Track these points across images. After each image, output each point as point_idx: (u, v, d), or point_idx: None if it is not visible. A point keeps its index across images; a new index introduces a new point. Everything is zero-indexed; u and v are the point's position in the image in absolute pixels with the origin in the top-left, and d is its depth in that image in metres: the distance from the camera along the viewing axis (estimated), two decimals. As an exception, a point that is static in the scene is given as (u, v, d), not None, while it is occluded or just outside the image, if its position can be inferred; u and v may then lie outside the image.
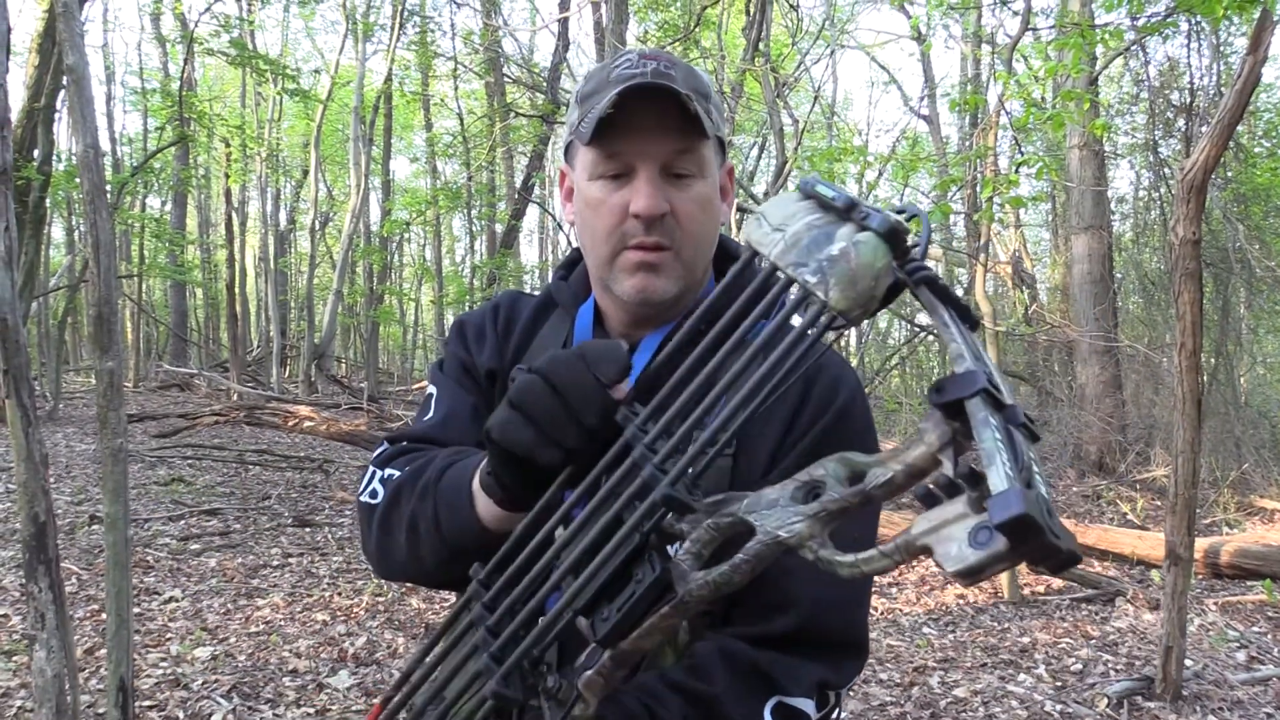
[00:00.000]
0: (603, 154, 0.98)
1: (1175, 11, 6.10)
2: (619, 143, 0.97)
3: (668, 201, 0.97)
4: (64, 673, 2.54)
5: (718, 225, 1.06)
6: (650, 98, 0.94)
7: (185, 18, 15.02)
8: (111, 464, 2.72)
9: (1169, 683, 3.69)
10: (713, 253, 1.07)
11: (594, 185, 1.00)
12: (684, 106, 0.94)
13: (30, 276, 10.57)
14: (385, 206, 17.29)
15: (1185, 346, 3.70)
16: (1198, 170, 3.58)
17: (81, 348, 21.03)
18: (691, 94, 0.94)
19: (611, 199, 0.99)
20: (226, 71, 22.10)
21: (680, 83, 0.95)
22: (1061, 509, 7.51)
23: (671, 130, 0.97)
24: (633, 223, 0.98)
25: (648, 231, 0.98)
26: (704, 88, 1.00)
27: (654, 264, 0.99)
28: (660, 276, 1.00)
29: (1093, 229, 9.34)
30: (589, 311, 1.09)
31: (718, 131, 1.02)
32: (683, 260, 1.00)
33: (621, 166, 0.98)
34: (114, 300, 2.71)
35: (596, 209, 1.00)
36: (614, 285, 1.02)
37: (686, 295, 1.03)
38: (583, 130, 0.97)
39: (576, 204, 1.05)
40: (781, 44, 13.25)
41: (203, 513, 6.80)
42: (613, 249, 1.00)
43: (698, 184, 1.00)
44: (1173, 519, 3.74)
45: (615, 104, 0.93)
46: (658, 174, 0.97)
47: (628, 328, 1.06)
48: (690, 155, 0.98)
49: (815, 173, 6.34)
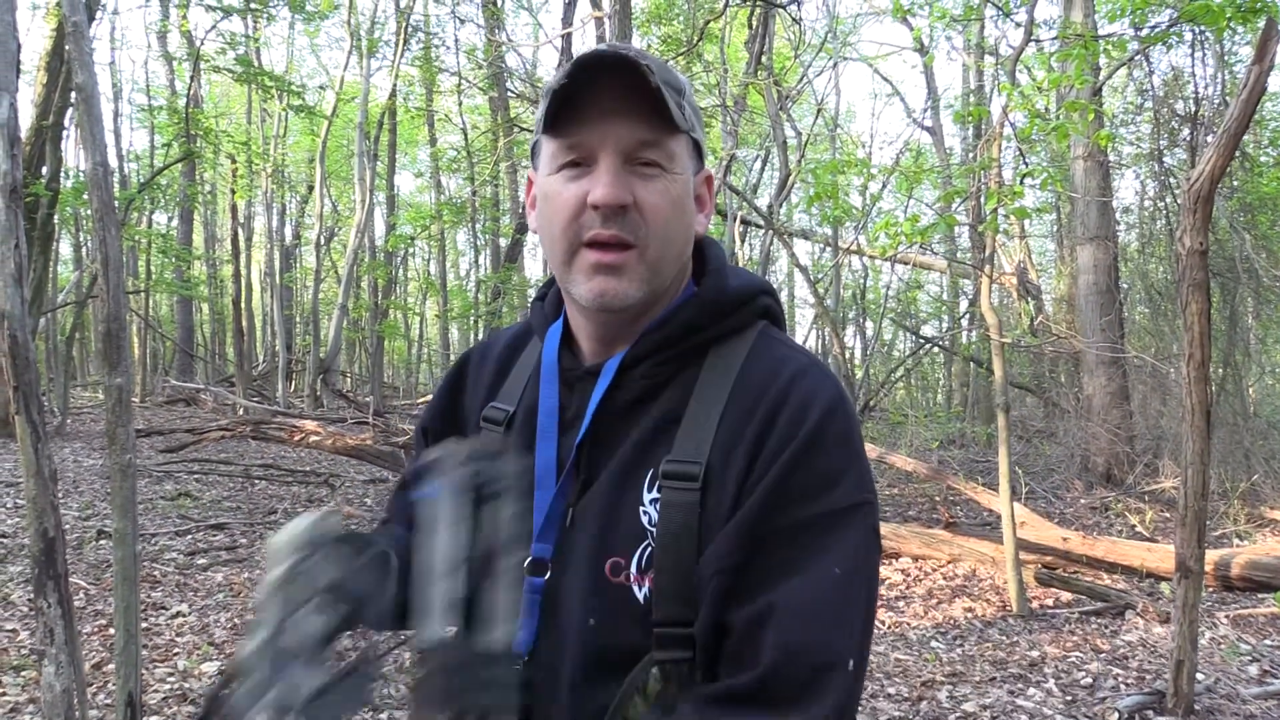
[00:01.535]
0: (562, 143, 0.90)
1: (1179, 21, 6.12)
2: (578, 129, 0.89)
3: (631, 193, 0.88)
4: (72, 688, 2.54)
5: (690, 228, 0.95)
6: (609, 74, 0.86)
7: (192, 35, 15.14)
8: (120, 479, 2.72)
9: (1180, 697, 3.66)
10: (686, 258, 0.97)
11: (553, 178, 0.91)
12: (645, 82, 0.85)
13: (39, 293, 10.62)
14: (390, 221, 17.39)
15: (1193, 357, 3.69)
16: (1204, 180, 3.58)
17: (89, 363, 21.09)
18: (660, 83, 0.86)
19: (568, 190, 0.89)
20: (232, 88, 22.24)
21: (647, 63, 0.86)
22: (1070, 521, 7.47)
23: (635, 114, 0.88)
24: (590, 214, 0.88)
25: (605, 224, 0.88)
26: (677, 82, 0.92)
27: (613, 265, 0.89)
28: (621, 278, 0.89)
29: (1098, 239, 9.33)
30: (556, 333, 1.01)
31: (692, 131, 0.93)
32: (647, 261, 0.90)
33: (582, 154, 0.89)
34: (123, 316, 2.73)
35: (553, 202, 0.91)
36: (573, 289, 0.92)
37: (654, 303, 0.94)
38: (542, 118, 0.90)
39: (537, 203, 0.96)
40: (784, 57, 13.29)
41: (209, 527, 6.80)
42: (569, 245, 0.90)
43: (666, 179, 0.90)
44: (1183, 531, 3.72)
45: (569, 75, 0.86)
46: (620, 163, 0.88)
47: (598, 345, 0.97)
48: (658, 146, 0.89)
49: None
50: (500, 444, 0.98)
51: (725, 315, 0.94)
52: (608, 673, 0.85)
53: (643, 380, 0.93)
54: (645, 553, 0.86)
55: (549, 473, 0.94)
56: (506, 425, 1.02)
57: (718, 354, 0.93)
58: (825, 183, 6.60)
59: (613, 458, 0.92)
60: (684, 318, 0.93)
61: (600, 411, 0.93)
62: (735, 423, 0.87)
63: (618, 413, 0.93)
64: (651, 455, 0.90)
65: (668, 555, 0.85)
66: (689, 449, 0.87)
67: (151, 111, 17.47)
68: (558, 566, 0.91)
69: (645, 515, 0.88)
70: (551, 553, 0.91)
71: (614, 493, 0.90)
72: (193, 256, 20.46)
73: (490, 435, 1.02)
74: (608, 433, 0.93)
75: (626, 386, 0.93)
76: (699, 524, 0.85)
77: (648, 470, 0.89)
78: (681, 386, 0.92)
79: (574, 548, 0.90)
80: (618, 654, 0.85)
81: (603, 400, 0.93)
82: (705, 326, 0.93)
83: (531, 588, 0.91)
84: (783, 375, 0.89)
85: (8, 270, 2.52)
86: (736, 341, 0.94)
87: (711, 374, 0.91)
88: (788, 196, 11.27)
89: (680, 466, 0.86)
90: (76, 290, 14.47)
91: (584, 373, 0.96)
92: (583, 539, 0.90)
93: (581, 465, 0.93)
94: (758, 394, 0.88)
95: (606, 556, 0.88)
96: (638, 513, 0.88)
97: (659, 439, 0.90)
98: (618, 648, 0.86)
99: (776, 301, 1.00)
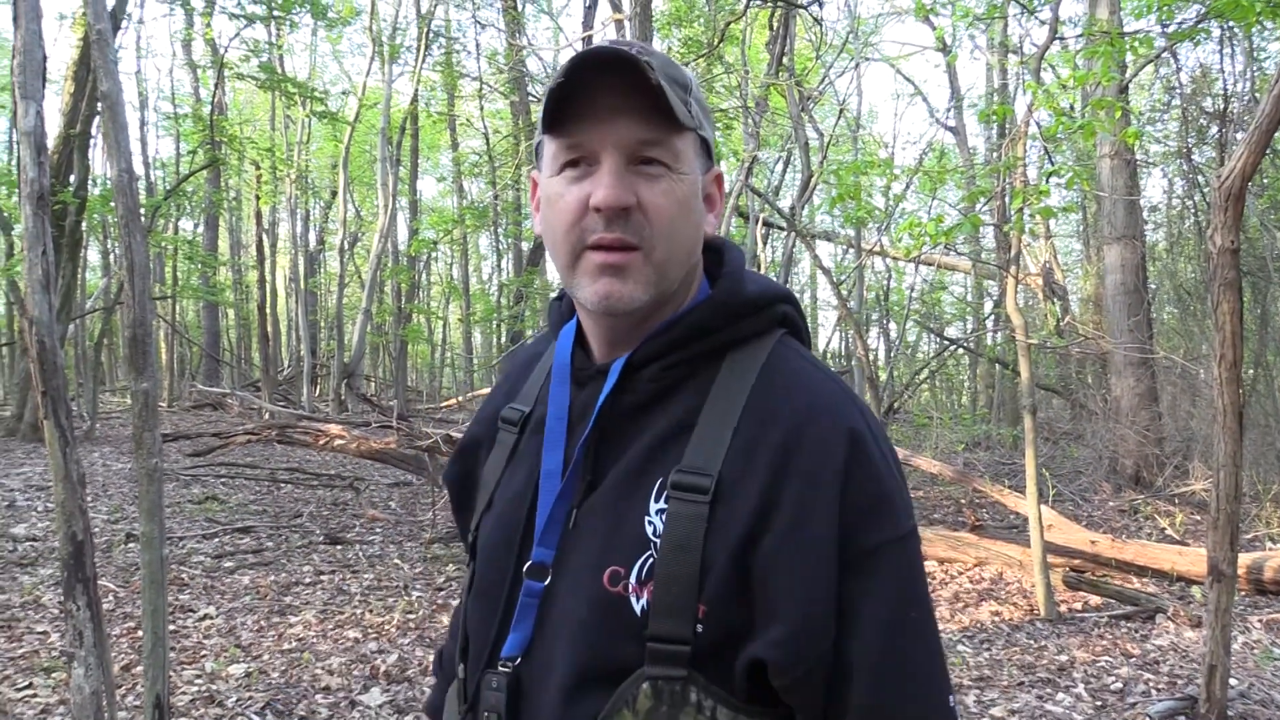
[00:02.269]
0: (563, 143, 0.88)
1: (1207, 17, 6.04)
2: (578, 128, 0.87)
3: (634, 194, 0.86)
4: (101, 690, 2.56)
5: (699, 228, 0.93)
6: (608, 71, 0.84)
7: (216, 44, 15.30)
8: (147, 483, 2.74)
9: (1214, 702, 3.60)
10: (696, 259, 0.95)
11: (555, 180, 0.90)
12: (645, 79, 0.83)
13: (67, 299, 10.76)
14: (413, 226, 17.46)
15: (1225, 358, 3.63)
16: (1235, 177, 3.52)
17: (117, 368, 21.35)
18: (662, 79, 0.84)
19: (570, 192, 0.88)
20: (256, 95, 22.47)
21: (649, 59, 0.84)
22: (1098, 524, 7.39)
23: (637, 112, 0.86)
24: (593, 217, 0.86)
25: (609, 227, 0.86)
26: (682, 78, 0.90)
27: (617, 265, 0.86)
28: (625, 281, 0.87)
29: (1125, 239, 9.22)
30: (570, 334, 0.99)
31: (700, 128, 0.91)
32: (652, 263, 0.87)
33: (582, 154, 0.87)
34: (149, 322, 2.75)
35: (555, 205, 0.89)
36: (578, 293, 0.90)
37: (663, 305, 0.92)
38: (541, 117, 0.88)
39: (541, 205, 0.94)
40: (806, 58, 13.25)
41: (236, 530, 6.86)
42: (573, 249, 0.88)
43: (671, 178, 0.88)
44: (1215, 534, 3.66)
45: (567, 73, 0.84)
46: (623, 163, 0.86)
47: (606, 347, 0.95)
48: (662, 145, 0.87)
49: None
50: None
51: (739, 318, 0.92)
52: (599, 683, 0.84)
53: (651, 383, 0.91)
54: (646, 564, 0.84)
55: (554, 475, 0.92)
56: (521, 426, 1.01)
57: (733, 360, 0.90)
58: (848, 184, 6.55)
59: (619, 462, 0.90)
60: (694, 319, 0.91)
61: (606, 413, 0.91)
62: (751, 436, 0.85)
63: (625, 415, 0.91)
64: (660, 463, 0.87)
65: (669, 568, 0.82)
66: (700, 460, 0.85)
67: (177, 119, 17.68)
68: (557, 571, 0.89)
69: (650, 525, 0.85)
70: (553, 557, 0.90)
71: (619, 499, 0.88)
72: (218, 262, 20.70)
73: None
74: (615, 435, 0.91)
75: (634, 389, 0.91)
76: (704, 539, 0.82)
77: (656, 479, 0.87)
78: (695, 393, 0.89)
79: (575, 552, 0.89)
80: (610, 665, 0.83)
81: (608, 402, 0.91)
82: (717, 329, 0.91)
83: (529, 591, 0.90)
84: (796, 392, 0.87)
85: (36, 276, 2.55)
86: (754, 348, 0.91)
87: (727, 381, 0.89)
88: (810, 198, 11.23)
89: (690, 478, 0.84)
90: (104, 296, 14.65)
91: (594, 372, 0.95)
92: (584, 543, 0.88)
93: (586, 467, 0.91)
94: (775, 407, 0.86)
95: (606, 564, 0.86)
96: (642, 522, 0.86)
97: (669, 447, 0.88)
98: (610, 658, 0.84)
99: (798, 311, 0.97)
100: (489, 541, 0.97)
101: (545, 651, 0.88)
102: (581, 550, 0.88)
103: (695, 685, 0.81)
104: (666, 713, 0.81)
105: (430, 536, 6.75)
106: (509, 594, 0.92)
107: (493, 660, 0.92)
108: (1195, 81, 10.49)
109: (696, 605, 0.81)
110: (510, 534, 0.94)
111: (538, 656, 0.89)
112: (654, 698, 0.81)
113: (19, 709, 3.54)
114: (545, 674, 0.87)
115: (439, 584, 5.62)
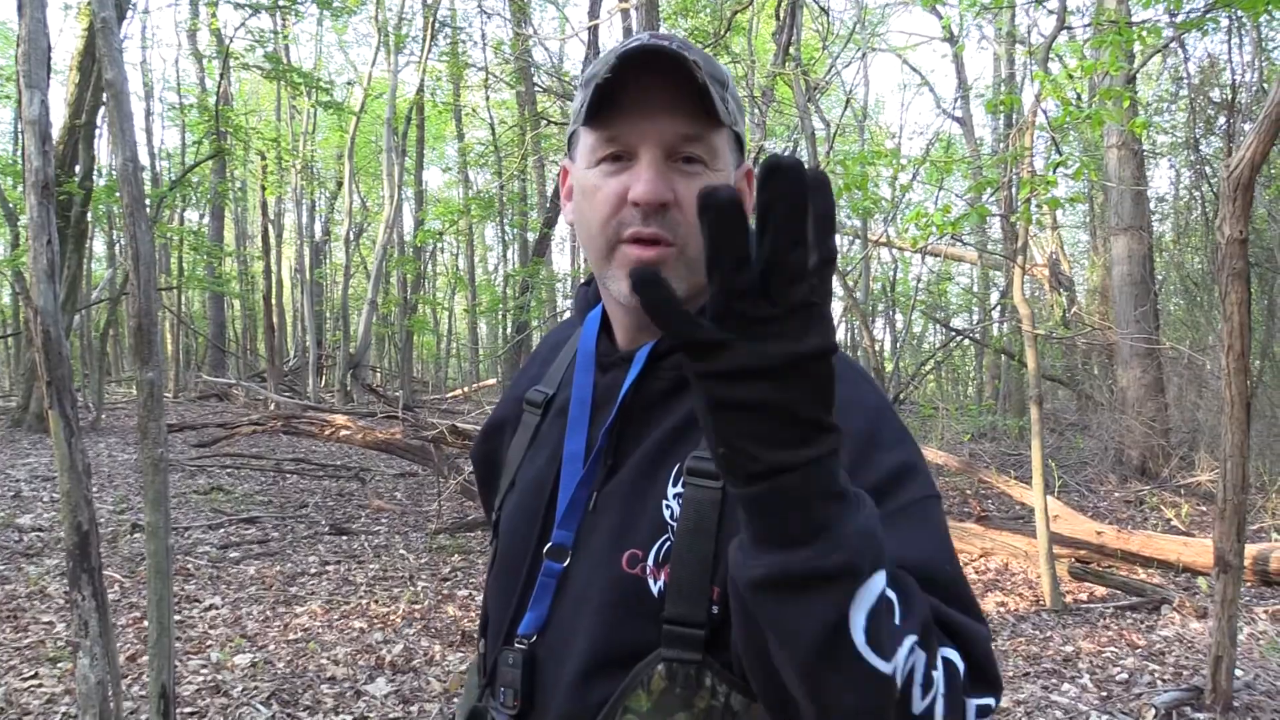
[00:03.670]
0: (602, 136, 0.89)
1: (1215, 7, 6.00)
2: (619, 122, 0.88)
3: (672, 190, 0.87)
4: (107, 680, 2.56)
5: None
6: (653, 68, 0.85)
7: (221, 34, 15.27)
8: (152, 473, 2.75)
9: (1219, 693, 3.60)
10: None
11: (592, 172, 0.91)
12: (691, 77, 0.84)
13: (73, 289, 10.78)
14: (418, 216, 17.46)
15: (1233, 348, 3.61)
16: (1244, 167, 3.50)
17: (123, 359, 21.40)
18: (706, 77, 0.85)
19: (608, 185, 0.89)
20: (262, 86, 22.44)
21: (695, 58, 0.86)
22: (1103, 515, 7.38)
23: (679, 109, 0.87)
24: (630, 211, 0.87)
25: (645, 222, 0.87)
26: (721, 74, 0.91)
27: (653, 261, 0.88)
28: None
29: (1132, 229, 9.18)
30: (595, 320, 1.01)
31: (735, 124, 0.92)
32: (686, 259, 0.88)
33: (621, 148, 0.88)
34: (154, 312, 2.75)
35: (591, 197, 0.90)
36: (610, 285, 0.92)
37: (695, 300, 0.90)
38: (582, 110, 0.89)
39: (574, 195, 0.95)
40: (812, 48, 13.19)
41: (241, 521, 6.88)
42: (608, 242, 0.90)
43: (709, 175, 0.89)
44: (1221, 525, 3.65)
45: (613, 68, 0.84)
46: (662, 158, 0.87)
47: (631, 334, 0.97)
48: (701, 142, 0.88)
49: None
50: None
51: None
52: (614, 663, 0.85)
53: (674, 371, 0.92)
54: (664, 547, 0.86)
55: (577, 459, 0.94)
56: (544, 409, 1.03)
57: None
58: (854, 174, 6.53)
59: (640, 447, 0.91)
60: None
61: (630, 399, 0.93)
62: None
63: (648, 402, 0.93)
64: (679, 449, 0.89)
65: (684, 551, 0.84)
66: None
67: (182, 109, 17.65)
68: (577, 552, 0.91)
69: (668, 509, 0.87)
70: (573, 539, 0.92)
71: (639, 483, 0.90)
72: (224, 253, 20.69)
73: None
74: (638, 421, 0.93)
75: (658, 376, 0.93)
76: (719, 523, 0.83)
77: (674, 464, 0.88)
78: None
79: (594, 534, 0.91)
80: (626, 645, 0.85)
81: (633, 388, 0.93)
82: None
83: (549, 572, 0.92)
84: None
85: (41, 266, 2.55)
86: None
87: None
88: (815, 188, 11.14)
89: (705, 464, 0.85)
90: (110, 287, 14.67)
91: (618, 359, 0.96)
92: (603, 526, 0.90)
93: (609, 451, 0.93)
94: None
95: (625, 547, 0.87)
96: (660, 506, 0.88)
97: (688, 433, 0.89)
98: (627, 639, 0.85)
99: None
100: (511, 522, 1.00)
101: (562, 630, 0.90)
102: (601, 532, 0.90)
103: (710, 670, 0.82)
104: (680, 694, 0.82)
105: (436, 527, 6.77)
106: (529, 573, 0.94)
107: (510, 637, 0.93)
108: (1203, 71, 10.42)
109: (710, 587, 0.82)
110: (531, 515, 0.96)
111: (554, 635, 0.91)
112: (668, 679, 0.83)
113: (25, 699, 3.56)
114: (562, 652, 0.89)
115: (444, 574, 5.63)
